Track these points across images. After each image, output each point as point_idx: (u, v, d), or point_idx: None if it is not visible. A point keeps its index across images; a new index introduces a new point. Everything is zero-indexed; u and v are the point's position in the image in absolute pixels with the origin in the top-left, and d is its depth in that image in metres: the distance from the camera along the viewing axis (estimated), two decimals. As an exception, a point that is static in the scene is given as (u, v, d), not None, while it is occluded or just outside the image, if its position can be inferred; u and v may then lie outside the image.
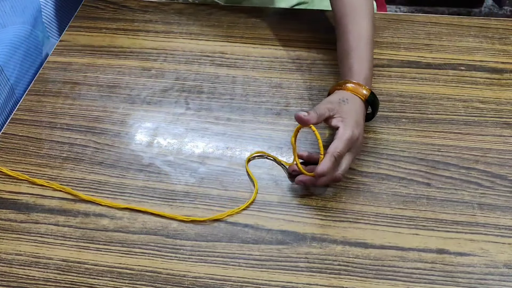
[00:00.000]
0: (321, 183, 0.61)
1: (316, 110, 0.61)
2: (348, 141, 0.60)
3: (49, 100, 0.76)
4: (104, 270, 0.57)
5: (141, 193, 0.64)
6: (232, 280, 0.56)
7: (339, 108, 0.62)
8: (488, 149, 0.67)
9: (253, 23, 0.86)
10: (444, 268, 0.56)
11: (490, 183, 0.63)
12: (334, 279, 0.56)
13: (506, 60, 0.78)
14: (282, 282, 0.56)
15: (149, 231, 0.60)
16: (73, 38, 0.85)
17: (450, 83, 0.75)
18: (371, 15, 0.72)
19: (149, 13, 0.89)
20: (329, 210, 0.62)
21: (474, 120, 0.70)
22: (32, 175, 0.66)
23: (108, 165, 0.67)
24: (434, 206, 0.62)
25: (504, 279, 0.55)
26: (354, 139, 0.60)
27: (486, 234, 0.59)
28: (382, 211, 0.61)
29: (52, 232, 0.61)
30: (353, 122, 0.61)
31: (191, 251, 0.58)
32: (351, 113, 0.62)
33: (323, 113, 0.61)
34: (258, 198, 0.63)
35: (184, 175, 0.66)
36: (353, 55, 0.68)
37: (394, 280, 0.55)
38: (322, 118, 0.61)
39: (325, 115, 0.61)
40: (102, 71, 0.80)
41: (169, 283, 0.56)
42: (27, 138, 0.71)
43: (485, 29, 0.83)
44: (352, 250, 0.58)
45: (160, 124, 0.72)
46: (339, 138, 0.60)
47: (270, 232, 0.60)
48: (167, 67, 0.80)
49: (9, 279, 0.57)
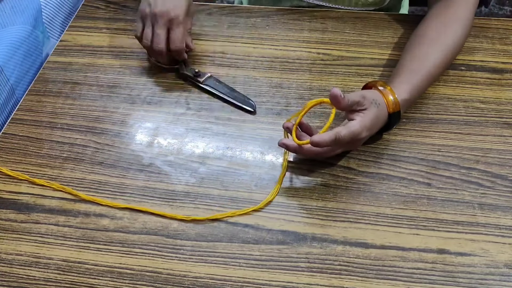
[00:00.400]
0: (305, 152, 0.62)
1: (349, 97, 0.60)
2: (353, 134, 0.60)
3: (49, 100, 0.76)
4: (105, 270, 0.57)
5: (141, 193, 0.64)
6: (232, 280, 0.56)
7: (368, 107, 0.61)
8: (488, 149, 0.67)
9: (253, 23, 0.86)
10: (444, 268, 0.56)
11: (490, 183, 0.63)
12: (335, 279, 0.56)
13: (507, 60, 0.78)
14: (282, 282, 0.56)
15: (150, 231, 0.60)
16: (73, 38, 0.85)
17: (451, 83, 0.75)
18: (451, 54, 0.71)
19: (149, 13, 0.89)
20: (329, 210, 0.62)
21: (475, 120, 0.70)
22: (32, 175, 0.66)
23: (109, 165, 0.67)
24: (435, 206, 0.62)
25: (505, 279, 0.55)
26: (358, 138, 0.61)
27: (487, 234, 0.59)
28: (383, 211, 0.61)
29: (53, 232, 0.61)
30: (369, 125, 0.61)
31: (191, 251, 0.58)
32: (372, 117, 0.62)
33: (353, 103, 0.61)
34: (258, 198, 0.63)
35: (185, 175, 0.66)
36: (415, 71, 0.68)
37: (394, 280, 0.55)
38: (349, 108, 0.61)
39: (353, 107, 0.61)
40: (102, 71, 0.80)
41: (170, 283, 0.56)
42: (27, 138, 0.71)
43: (485, 29, 0.83)
44: (353, 250, 0.58)
45: (161, 124, 0.72)
46: (348, 127, 0.60)
47: (271, 232, 0.60)
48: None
49: (10, 279, 0.57)
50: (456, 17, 0.72)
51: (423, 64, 0.69)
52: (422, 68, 0.68)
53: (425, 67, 0.69)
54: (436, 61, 0.69)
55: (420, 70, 0.68)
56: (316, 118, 0.71)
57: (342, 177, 0.65)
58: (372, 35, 0.83)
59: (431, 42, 0.71)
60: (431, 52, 0.70)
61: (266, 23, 0.85)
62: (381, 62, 0.78)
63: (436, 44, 0.70)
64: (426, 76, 0.68)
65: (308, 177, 0.65)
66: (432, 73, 0.69)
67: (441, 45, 0.70)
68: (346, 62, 0.79)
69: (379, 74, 0.77)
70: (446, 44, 0.71)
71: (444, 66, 0.71)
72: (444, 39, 0.71)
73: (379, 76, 0.76)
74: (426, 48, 0.70)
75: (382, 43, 0.81)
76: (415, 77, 0.68)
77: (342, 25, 0.84)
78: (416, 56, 0.70)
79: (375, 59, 0.79)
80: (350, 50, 0.81)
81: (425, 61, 0.69)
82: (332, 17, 0.85)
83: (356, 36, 0.83)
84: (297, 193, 0.63)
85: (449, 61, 0.72)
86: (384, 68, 0.77)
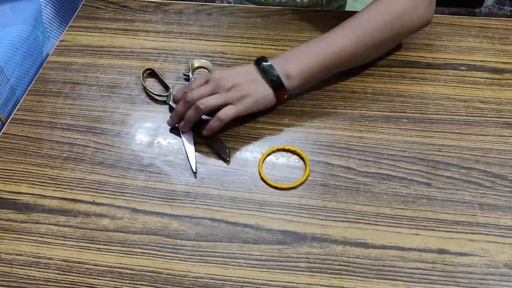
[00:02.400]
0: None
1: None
2: (208, 76, 0.67)
3: (49, 100, 0.76)
4: (105, 270, 0.57)
5: (141, 193, 0.64)
6: (232, 280, 0.56)
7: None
8: (488, 149, 0.67)
9: (253, 23, 0.86)
10: (444, 268, 0.56)
11: (490, 183, 0.63)
12: (335, 279, 0.56)
13: (507, 60, 0.78)
14: (282, 282, 0.56)
15: (150, 231, 0.60)
16: (73, 38, 0.85)
17: (451, 83, 0.75)
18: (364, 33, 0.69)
19: (149, 13, 0.89)
20: (329, 210, 0.62)
21: (475, 120, 0.70)
22: (32, 175, 0.66)
23: (109, 165, 0.67)
24: (435, 206, 0.62)
25: (505, 279, 0.55)
26: (214, 78, 0.67)
27: (487, 234, 0.59)
28: (383, 211, 0.61)
29: (53, 232, 0.61)
30: (222, 70, 0.67)
31: (191, 251, 0.58)
32: (228, 69, 0.67)
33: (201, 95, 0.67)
34: (258, 198, 0.63)
35: (185, 175, 0.66)
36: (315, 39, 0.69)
37: (394, 280, 0.56)
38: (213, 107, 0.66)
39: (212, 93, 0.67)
40: (102, 71, 0.80)
41: (170, 283, 0.56)
42: (27, 138, 0.71)
43: (485, 29, 0.83)
44: (353, 250, 0.58)
45: (161, 124, 0.72)
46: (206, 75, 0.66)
47: (271, 232, 0.60)
48: (167, 67, 0.80)
49: (10, 279, 0.57)
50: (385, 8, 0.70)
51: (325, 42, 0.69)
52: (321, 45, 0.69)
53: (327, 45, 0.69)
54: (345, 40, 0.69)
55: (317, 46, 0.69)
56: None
57: (342, 177, 0.65)
58: (372, 35, 0.83)
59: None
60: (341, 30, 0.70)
61: (266, 23, 0.85)
62: (381, 62, 0.78)
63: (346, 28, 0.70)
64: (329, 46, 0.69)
65: (308, 177, 0.65)
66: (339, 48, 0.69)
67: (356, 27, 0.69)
68: (346, 62, 0.79)
69: (378, 74, 0.77)
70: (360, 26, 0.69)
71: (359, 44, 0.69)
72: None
73: (378, 76, 0.76)
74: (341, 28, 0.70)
75: (382, 43, 0.81)
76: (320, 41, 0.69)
77: (342, 25, 0.84)
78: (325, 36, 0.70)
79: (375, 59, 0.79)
80: (350, 50, 0.80)
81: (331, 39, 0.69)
82: (332, 17, 0.85)
83: (356, 36, 0.82)
84: (297, 193, 0.63)
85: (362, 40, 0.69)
86: (384, 67, 0.77)
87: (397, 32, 0.71)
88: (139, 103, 0.75)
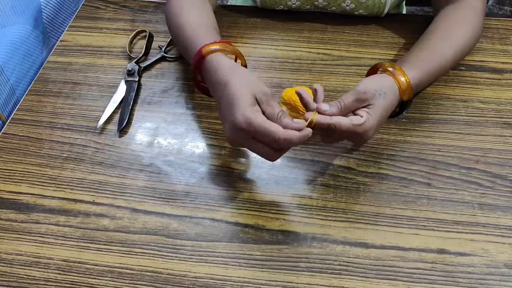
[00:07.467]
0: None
1: (343, 103, 0.56)
2: (355, 133, 0.56)
3: (49, 100, 0.76)
4: (105, 270, 0.57)
5: (141, 193, 0.64)
6: (232, 280, 0.56)
7: (373, 102, 0.57)
8: (488, 149, 0.67)
9: (253, 23, 0.86)
10: (444, 268, 0.56)
11: (490, 183, 0.64)
12: (335, 279, 0.56)
13: (506, 60, 0.78)
14: (282, 282, 0.56)
15: (150, 231, 0.60)
16: (73, 38, 0.85)
17: (451, 83, 0.75)
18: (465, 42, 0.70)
19: (149, 13, 0.89)
20: (329, 210, 0.62)
21: (475, 120, 0.70)
22: (32, 175, 0.66)
23: (109, 165, 0.67)
24: (435, 206, 0.62)
25: (505, 279, 0.55)
26: (363, 138, 0.58)
27: (487, 234, 0.59)
28: (383, 211, 0.61)
29: (53, 232, 0.61)
30: (377, 123, 0.58)
31: (191, 251, 0.58)
32: (381, 113, 0.58)
33: (350, 108, 0.57)
34: (258, 198, 0.63)
35: (185, 175, 0.66)
36: (425, 60, 0.66)
37: (394, 280, 0.56)
38: (346, 113, 0.57)
39: (351, 109, 0.58)
40: (102, 71, 0.80)
41: (170, 283, 0.56)
42: (27, 138, 0.71)
43: (485, 29, 0.83)
44: (353, 250, 0.58)
45: (161, 124, 0.72)
46: (352, 122, 0.56)
47: (271, 232, 0.60)
48: (167, 67, 0.80)
49: (10, 279, 0.57)
50: (465, 19, 0.72)
51: (433, 54, 0.67)
52: (432, 58, 0.67)
53: (436, 57, 0.67)
54: (446, 55, 0.68)
55: (430, 59, 0.67)
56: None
57: (342, 177, 0.65)
58: (372, 35, 0.83)
59: (441, 38, 0.70)
60: (441, 46, 0.69)
61: (266, 23, 0.85)
62: (381, 62, 0.78)
63: (446, 41, 0.69)
64: (436, 65, 0.67)
65: (308, 177, 0.65)
66: (442, 64, 0.68)
67: (451, 42, 0.69)
68: (346, 62, 0.79)
69: (379, 74, 0.76)
70: (456, 41, 0.69)
71: (453, 61, 0.70)
72: (454, 37, 0.70)
73: (379, 76, 0.76)
74: (435, 42, 0.69)
75: (382, 43, 0.81)
76: (425, 64, 0.66)
77: (342, 25, 0.84)
78: (425, 48, 0.69)
79: (375, 59, 0.79)
80: (350, 50, 0.81)
81: (435, 52, 0.68)
82: (332, 17, 0.85)
83: (356, 36, 0.83)
84: (297, 193, 0.63)
85: (458, 58, 0.71)
86: (384, 68, 0.77)
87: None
88: (139, 103, 0.75)
